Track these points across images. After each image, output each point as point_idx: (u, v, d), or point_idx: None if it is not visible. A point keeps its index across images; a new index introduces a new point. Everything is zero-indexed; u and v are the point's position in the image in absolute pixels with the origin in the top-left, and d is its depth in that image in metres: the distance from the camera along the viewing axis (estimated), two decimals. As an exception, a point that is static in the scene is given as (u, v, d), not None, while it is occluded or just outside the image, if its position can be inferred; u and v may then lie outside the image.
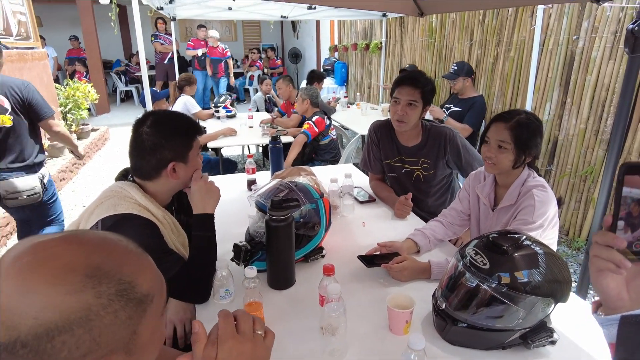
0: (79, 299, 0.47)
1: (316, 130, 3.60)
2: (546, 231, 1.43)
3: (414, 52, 5.82)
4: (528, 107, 3.57)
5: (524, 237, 1.10)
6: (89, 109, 6.62)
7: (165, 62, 8.55)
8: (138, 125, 1.32)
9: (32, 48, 5.63)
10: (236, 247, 1.43)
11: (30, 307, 0.45)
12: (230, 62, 8.71)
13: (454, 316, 1.10)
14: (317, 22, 10.22)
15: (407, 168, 2.11)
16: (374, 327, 1.20)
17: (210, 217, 1.37)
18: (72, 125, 5.97)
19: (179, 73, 5.80)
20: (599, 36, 3.06)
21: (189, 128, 1.36)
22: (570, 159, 3.38)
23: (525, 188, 1.48)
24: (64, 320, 0.46)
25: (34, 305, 0.45)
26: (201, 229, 1.35)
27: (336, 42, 9.26)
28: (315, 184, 1.85)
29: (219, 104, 5.09)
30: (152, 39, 8.55)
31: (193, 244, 1.34)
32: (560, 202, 2.68)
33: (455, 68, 3.76)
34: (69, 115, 5.85)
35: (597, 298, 0.63)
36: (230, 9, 5.33)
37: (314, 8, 5.08)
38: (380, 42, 6.72)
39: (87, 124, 6.58)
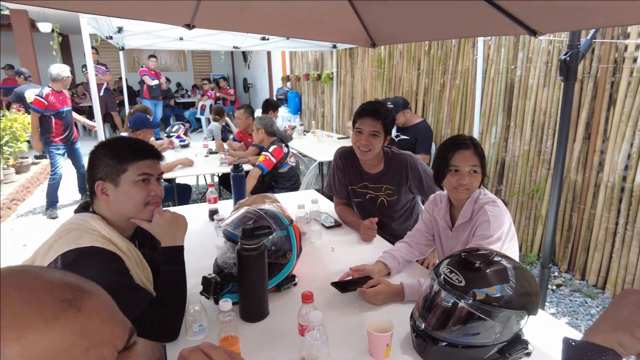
0: None
1: (273, 160, 3.59)
2: (505, 244, 1.50)
3: (365, 81, 6.04)
4: (475, 131, 3.79)
5: (494, 253, 1.15)
6: (29, 141, 6.23)
7: (101, 93, 8.25)
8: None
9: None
10: (205, 280, 1.37)
11: None
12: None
13: (433, 336, 1.11)
14: (269, 53, 10.38)
15: (371, 194, 2.15)
16: (354, 354, 1.18)
17: (180, 249, 1.31)
18: (9, 159, 5.56)
19: (129, 103, 5.62)
20: (534, 66, 3.34)
21: (127, 149, 1.28)
22: (518, 178, 3.61)
23: (477, 205, 1.55)
24: None
25: None
26: (171, 262, 1.28)
27: (288, 72, 9.43)
28: (282, 210, 1.84)
29: (171, 134, 4.98)
30: (83, 69, 8.32)
31: (162, 279, 1.27)
32: None
33: (392, 106, 3.90)
34: (5, 148, 5.45)
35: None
36: (181, 39, 5.30)
37: (267, 39, 5.16)
38: (332, 73, 6.92)
39: (27, 157, 6.17)
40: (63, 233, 1.20)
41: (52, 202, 4.77)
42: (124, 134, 3.99)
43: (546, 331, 1.27)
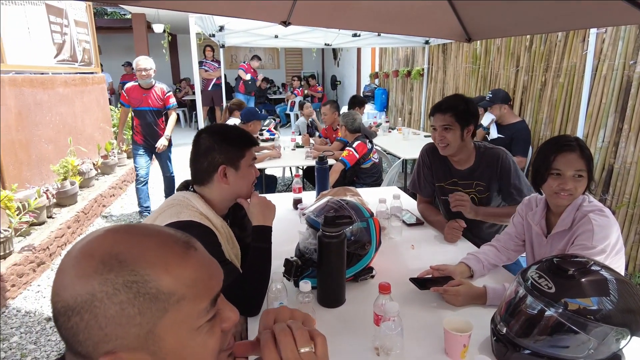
0: (85, 284, 0.48)
1: (356, 156, 3.61)
2: (609, 258, 1.35)
3: (457, 78, 5.79)
4: (579, 133, 3.44)
5: (592, 261, 1.05)
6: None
7: (209, 88, 8.92)
8: (198, 134, 1.44)
9: (92, 73, 6.05)
10: (287, 263, 1.44)
11: (58, 284, 0.50)
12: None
13: (515, 342, 1.05)
14: (359, 50, 10.42)
15: (461, 191, 2.08)
16: (428, 351, 1.17)
17: (269, 229, 1.42)
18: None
19: (227, 98, 6.03)
20: (658, 61, 2.94)
21: (242, 137, 1.44)
22: (629, 188, 3.21)
23: (580, 213, 1.42)
24: (74, 301, 0.48)
25: (59, 284, 0.50)
26: (260, 240, 1.39)
27: (377, 69, 9.38)
28: (363, 203, 1.86)
29: (263, 128, 5.24)
30: (198, 66, 9.02)
31: (251, 255, 1.37)
32: None
33: (491, 96, 3.81)
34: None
35: None
36: (276, 37, 5.56)
37: (359, 35, 5.19)
38: (422, 69, 6.74)
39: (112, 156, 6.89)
40: (167, 207, 1.34)
41: (141, 208, 4.43)
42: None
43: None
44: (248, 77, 8.82)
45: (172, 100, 4.28)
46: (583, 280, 1.00)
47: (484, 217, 1.97)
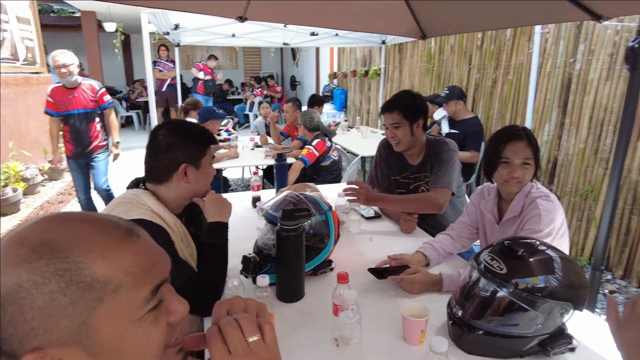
0: (11, 273, 0.44)
1: (316, 154, 3.62)
2: (555, 240, 1.42)
3: (413, 77, 5.93)
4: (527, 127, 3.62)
5: (539, 242, 1.10)
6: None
7: (164, 89, 8.64)
8: (156, 130, 1.37)
9: (38, 73, 5.72)
10: (245, 259, 1.41)
11: None
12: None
13: (470, 324, 1.08)
14: (317, 50, 10.46)
15: (413, 184, 2.12)
16: (388, 338, 1.17)
17: (225, 225, 1.39)
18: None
19: (182, 99, 5.87)
20: (596, 58, 3.14)
21: (204, 136, 1.40)
22: (571, 178, 3.40)
23: (529, 199, 1.48)
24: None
25: None
26: (216, 236, 1.35)
27: (335, 69, 9.45)
28: (322, 198, 1.86)
29: (220, 128, 5.15)
30: (152, 66, 8.72)
31: (206, 252, 1.33)
32: None
33: (447, 92, 3.95)
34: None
35: None
36: (233, 35, 5.48)
37: (317, 34, 5.21)
38: (380, 69, 6.86)
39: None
40: (115, 206, 1.28)
41: None
42: None
43: (594, 331, 1.20)
44: (201, 74, 8.63)
45: (107, 98, 3.65)
46: (531, 260, 1.04)
47: (387, 205, 2.06)
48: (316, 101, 5.08)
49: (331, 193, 2.13)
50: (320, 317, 1.28)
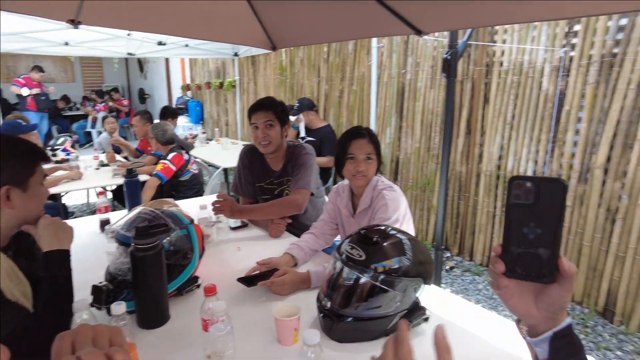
0: None
1: (173, 168, 3.41)
2: (403, 225, 1.60)
3: (268, 89, 6.06)
4: (373, 132, 4.02)
5: (389, 228, 1.21)
6: None
7: None
8: None
9: None
10: (96, 289, 1.24)
11: None
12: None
13: (339, 313, 1.13)
14: (167, 61, 9.93)
15: (277, 189, 2.15)
16: (262, 344, 1.15)
17: (67, 253, 1.18)
18: None
19: (2, 116, 4.94)
20: (421, 69, 3.65)
21: (31, 151, 1.19)
22: (411, 174, 3.89)
23: (376, 191, 1.65)
24: None
25: None
26: (55, 267, 1.14)
27: (188, 81, 9.10)
28: (182, 212, 1.75)
29: (56, 147, 4.48)
30: None
31: (44, 287, 1.12)
32: None
33: (298, 105, 4.13)
34: None
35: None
36: (67, 44, 4.82)
37: (164, 44, 4.93)
38: (234, 81, 6.83)
39: None
40: None
41: None
42: None
43: (442, 302, 1.37)
44: (25, 90, 7.42)
45: None
46: (385, 244, 1.14)
47: (252, 215, 2.06)
48: (169, 113, 4.80)
49: (193, 207, 2.02)
50: (189, 337, 1.20)
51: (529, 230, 0.54)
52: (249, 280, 1.44)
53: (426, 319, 1.18)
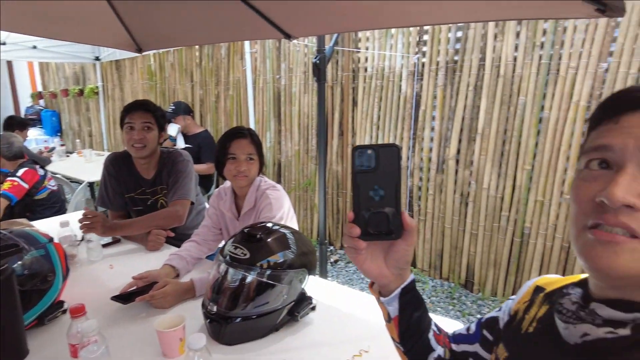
0: None
1: (24, 186, 2.97)
2: (286, 223, 1.63)
3: (136, 94, 5.64)
4: (253, 137, 4.02)
5: (272, 223, 1.23)
6: None
7: None
8: None
9: None
10: None
11: None
12: None
13: (227, 316, 1.11)
14: (10, 65, 8.56)
15: (150, 199, 2.01)
16: (145, 361, 1.08)
17: None
18: None
19: None
20: (295, 75, 3.78)
21: None
22: (293, 175, 3.99)
23: (260, 192, 1.65)
24: None
25: None
26: None
27: (40, 89, 7.97)
28: (38, 231, 1.53)
29: None
30: None
31: None
32: None
33: (174, 107, 3.94)
34: None
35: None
36: None
37: (4, 44, 4.27)
38: (97, 87, 6.20)
39: None
40: None
41: None
42: None
43: (328, 293, 1.43)
44: None
45: None
46: (269, 240, 1.15)
47: (128, 231, 1.88)
48: (15, 124, 4.17)
49: (52, 225, 1.79)
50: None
51: (375, 192, 0.59)
52: (125, 298, 1.32)
53: (313, 308, 1.23)
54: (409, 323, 0.72)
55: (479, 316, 2.69)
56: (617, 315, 0.50)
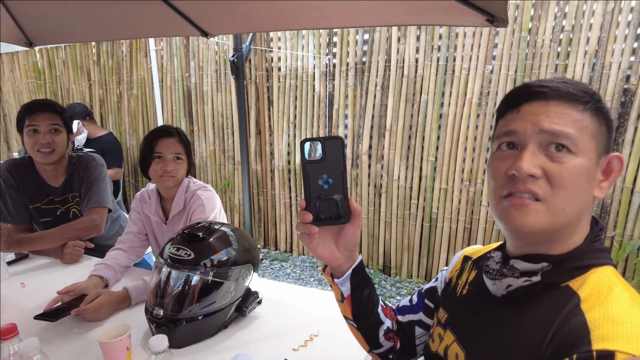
0: None
1: None
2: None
3: (20, 95, 5.01)
4: (164, 138, 3.84)
5: (212, 222, 1.24)
6: None
7: None
8: None
9: None
10: None
11: None
12: None
13: (175, 318, 1.10)
14: None
15: (61, 208, 1.85)
16: (88, 377, 1.02)
17: None
18: None
19: None
20: (206, 73, 3.69)
21: None
22: (209, 177, 3.90)
23: (189, 193, 1.60)
24: None
25: None
26: None
27: None
28: None
29: None
30: None
31: None
32: None
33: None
34: None
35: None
36: None
37: None
38: (-36, 86, 5.37)
39: None
40: None
41: None
42: None
43: (267, 288, 1.47)
44: None
45: None
46: (211, 239, 1.16)
47: (37, 245, 1.72)
48: None
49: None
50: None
51: (323, 181, 0.66)
52: (52, 315, 1.23)
53: (260, 302, 1.27)
54: (361, 300, 0.81)
55: (399, 297, 2.94)
56: (530, 267, 0.64)
